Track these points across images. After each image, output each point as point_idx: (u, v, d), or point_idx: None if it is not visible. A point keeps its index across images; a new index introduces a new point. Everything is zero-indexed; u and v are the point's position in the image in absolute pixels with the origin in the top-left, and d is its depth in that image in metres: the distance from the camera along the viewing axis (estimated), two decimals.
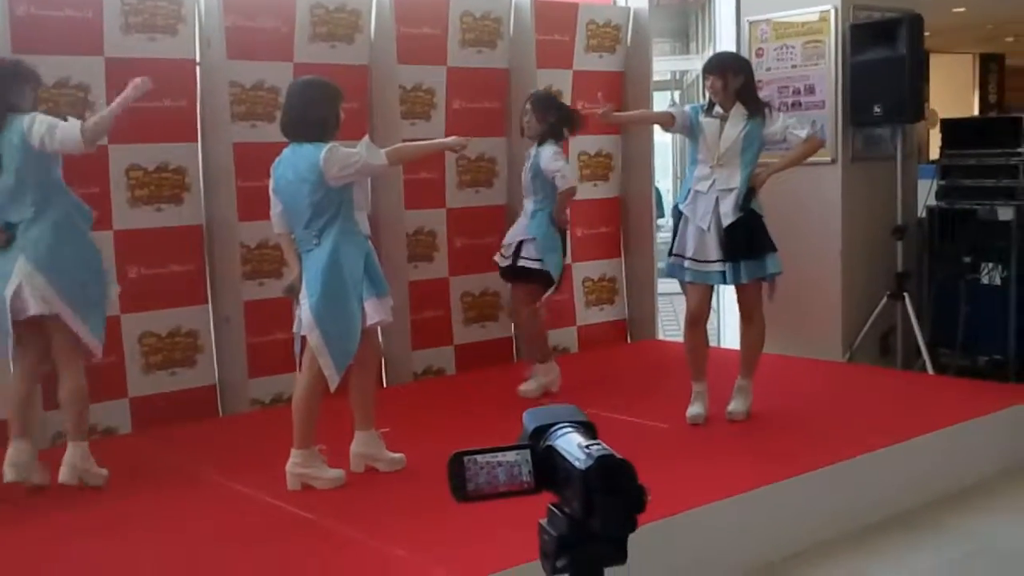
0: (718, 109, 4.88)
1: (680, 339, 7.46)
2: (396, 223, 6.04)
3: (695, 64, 11.43)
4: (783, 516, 3.96)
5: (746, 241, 4.78)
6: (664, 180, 12.19)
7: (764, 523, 3.89)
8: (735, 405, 4.96)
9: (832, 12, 6.48)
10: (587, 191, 7.02)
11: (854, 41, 6.43)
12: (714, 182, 4.81)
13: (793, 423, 4.95)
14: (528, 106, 5.53)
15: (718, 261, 4.80)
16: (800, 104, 6.59)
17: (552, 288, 5.44)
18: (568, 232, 5.70)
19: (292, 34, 5.59)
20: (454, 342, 6.42)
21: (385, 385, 6.00)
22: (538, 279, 5.42)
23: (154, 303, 5.21)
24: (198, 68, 5.29)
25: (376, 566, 3.43)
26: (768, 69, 6.75)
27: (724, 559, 3.69)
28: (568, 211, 5.61)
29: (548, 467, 1.41)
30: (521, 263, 5.45)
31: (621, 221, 7.24)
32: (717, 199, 4.80)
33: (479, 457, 1.41)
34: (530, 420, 1.49)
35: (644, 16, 7.12)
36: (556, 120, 5.48)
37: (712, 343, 7.55)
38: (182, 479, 4.31)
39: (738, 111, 4.84)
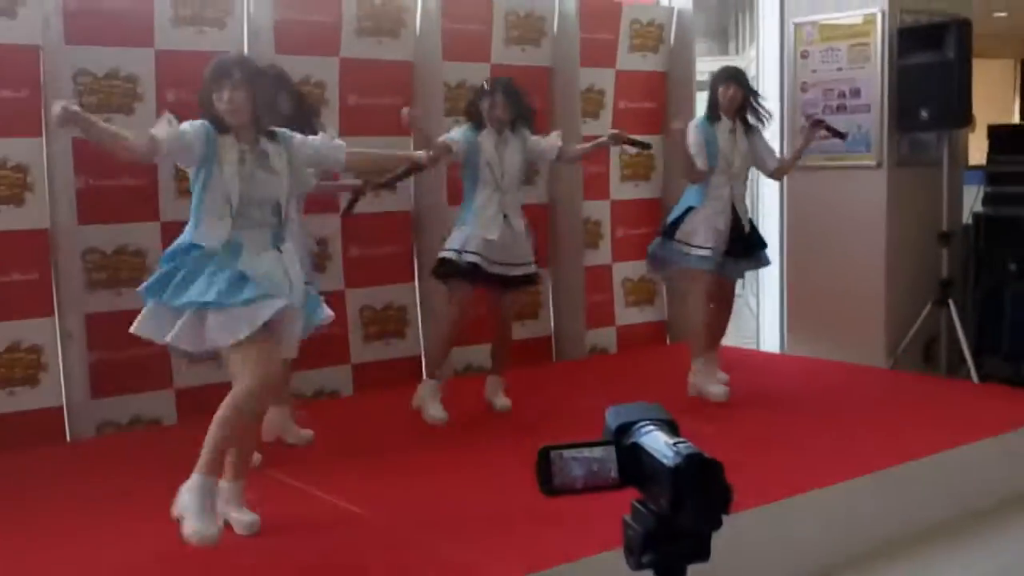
0: (726, 121, 5.34)
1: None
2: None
3: (735, 64, 11.37)
4: (821, 525, 3.92)
5: None
6: None
7: (800, 533, 3.84)
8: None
9: (879, 15, 6.41)
10: (628, 191, 7.03)
11: (901, 45, 6.37)
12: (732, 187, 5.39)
13: (834, 430, 4.90)
14: (500, 96, 4.91)
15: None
16: (845, 107, 6.53)
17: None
18: None
19: (339, 28, 5.60)
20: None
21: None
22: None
23: None
24: None
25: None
26: (813, 71, 6.69)
27: (756, 569, 3.64)
28: None
29: (634, 464, 1.41)
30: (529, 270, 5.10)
31: (661, 222, 7.19)
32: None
33: (565, 452, 1.42)
34: (613, 417, 1.49)
35: (688, 16, 7.09)
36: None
37: (751, 345, 7.60)
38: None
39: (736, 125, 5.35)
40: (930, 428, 4.87)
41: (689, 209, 5.37)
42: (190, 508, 3.24)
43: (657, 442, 1.42)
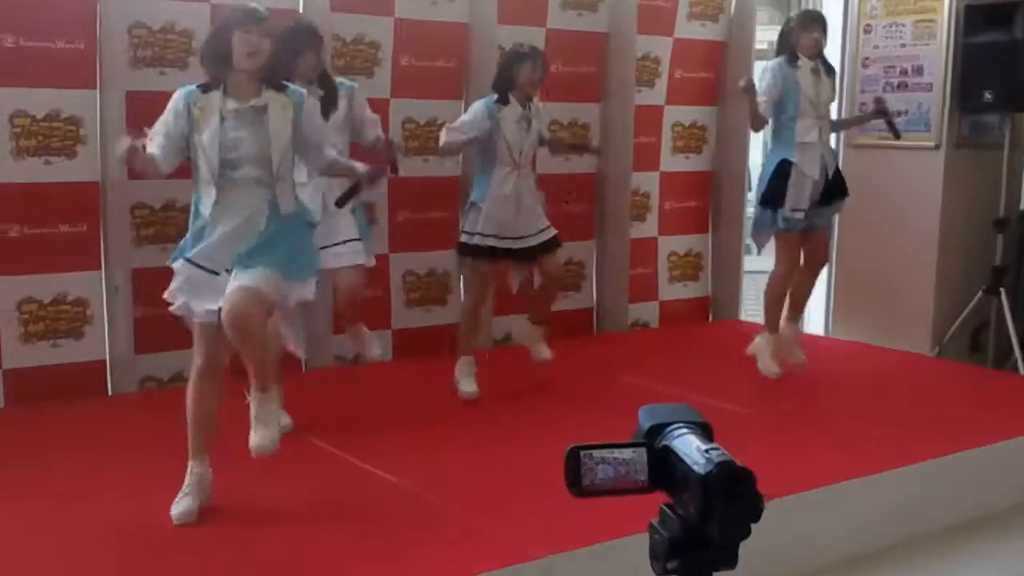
0: (806, 61, 5.08)
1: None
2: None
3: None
4: (863, 513, 3.88)
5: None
6: (754, 152, 11.93)
7: (841, 519, 3.81)
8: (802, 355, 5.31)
9: None
10: (679, 163, 6.94)
11: (968, 23, 6.21)
12: (821, 131, 5.12)
13: (877, 418, 4.83)
14: (541, 60, 4.83)
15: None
16: (907, 85, 6.39)
17: None
18: None
19: None
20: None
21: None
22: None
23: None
24: None
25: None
26: (876, 47, 6.55)
27: (795, 554, 3.62)
28: None
29: (664, 467, 1.39)
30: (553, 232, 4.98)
31: (712, 196, 7.12)
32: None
33: (595, 452, 1.40)
34: (646, 418, 1.47)
35: None
36: None
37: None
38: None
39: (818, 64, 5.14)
40: (973, 420, 4.79)
41: (781, 166, 5.06)
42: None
43: (689, 447, 1.39)
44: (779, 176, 5.07)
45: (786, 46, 5.13)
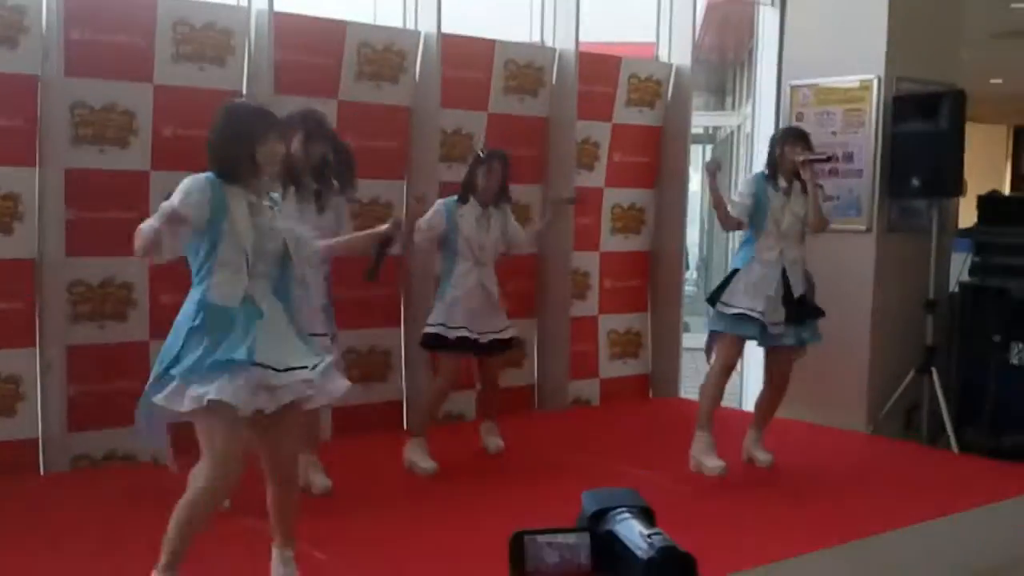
0: (783, 180, 5.11)
1: None
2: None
3: (730, 120, 11.47)
4: None
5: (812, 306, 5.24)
6: (691, 232, 12.18)
7: None
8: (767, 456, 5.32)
9: (874, 81, 6.49)
10: (618, 243, 7.06)
11: (896, 112, 6.44)
12: (783, 251, 5.09)
13: (814, 494, 4.89)
14: (497, 164, 5.06)
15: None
16: (837, 172, 6.58)
17: None
18: None
19: (339, 71, 5.64)
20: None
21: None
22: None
23: None
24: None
25: None
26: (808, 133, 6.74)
27: None
28: None
29: (607, 552, 1.41)
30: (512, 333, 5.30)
31: (650, 275, 7.23)
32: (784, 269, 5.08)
33: (539, 537, 1.42)
34: (589, 502, 1.50)
35: (686, 73, 7.15)
36: None
37: (733, 403, 7.59)
38: None
39: (793, 185, 5.13)
40: (907, 498, 4.86)
41: (734, 272, 5.14)
42: None
43: (632, 532, 1.42)
44: (727, 280, 5.16)
45: (769, 160, 5.15)
